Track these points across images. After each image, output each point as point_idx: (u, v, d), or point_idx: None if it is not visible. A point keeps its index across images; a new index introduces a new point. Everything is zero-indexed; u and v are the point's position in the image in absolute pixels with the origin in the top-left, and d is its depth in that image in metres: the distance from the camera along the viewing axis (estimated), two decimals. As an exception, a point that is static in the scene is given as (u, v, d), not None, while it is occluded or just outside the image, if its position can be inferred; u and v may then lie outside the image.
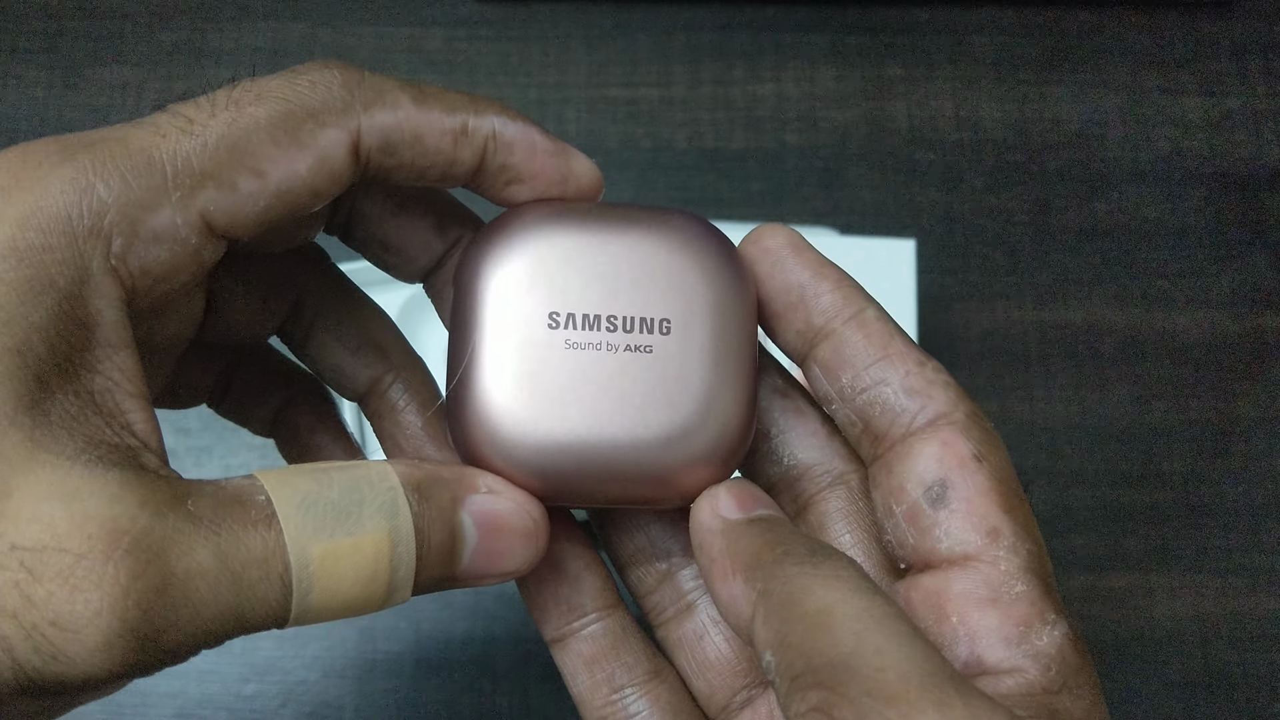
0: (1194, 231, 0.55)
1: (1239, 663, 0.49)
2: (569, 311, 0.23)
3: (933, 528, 0.22)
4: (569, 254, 0.24)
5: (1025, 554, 0.22)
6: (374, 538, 0.21)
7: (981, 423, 0.23)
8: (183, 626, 0.19)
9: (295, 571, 0.20)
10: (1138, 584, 0.50)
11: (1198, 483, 0.51)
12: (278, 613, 0.20)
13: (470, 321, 0.24)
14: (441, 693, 0.48)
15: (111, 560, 0.18)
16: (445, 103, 0.23)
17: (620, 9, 0.57)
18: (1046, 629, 0.21)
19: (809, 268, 0.24)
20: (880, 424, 0.23)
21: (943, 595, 0.22)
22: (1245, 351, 0.53)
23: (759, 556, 0.21)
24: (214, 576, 0.19)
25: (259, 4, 0.56)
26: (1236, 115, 0.57)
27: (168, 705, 0.47)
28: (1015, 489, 0.23)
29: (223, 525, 0.19)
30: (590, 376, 0.23)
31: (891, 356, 0.23)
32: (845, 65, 0.56)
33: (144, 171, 0.20)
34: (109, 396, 0.20)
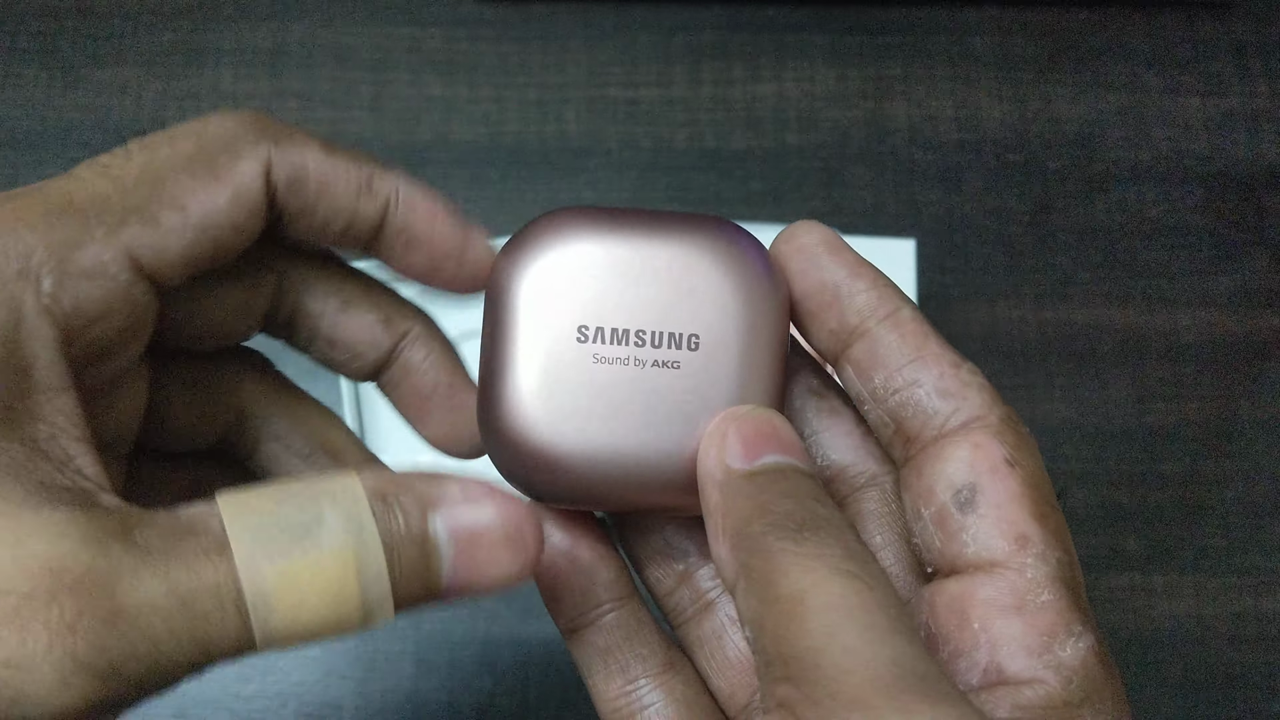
0: (1194, 231, 0.55)
1: (1239, 663, 0.49)
2: (598, 326, 0.23)
3: (960, 532, 0.22)
4: (598, 265, 0.24)
5: (1054, 562, 0.21)
6: (336, 555, 0.20)
7: (1016, 427, 0.23)
8: (141, 658, 0.19)
9: (250, 597, 0.19)
10: (1138, 584, 0.50)
11: (1198, 483, 0.51)
12: (241, 639, 0.19)
13: (500, 333, 0.24)
14: (441, 693, 0.48)
15: (56, 598, 0.18)
16: (352, 156, 0.24)
17: (620, 9, 0.57)
18: (1071, 640, 0.21)
19: (844, 266, 0.24)
20: (912, 425, 0.23)
21: (966, 601, 0.21)
22: (1245, 351, 0.53)
23: (748, 523, 0.20)
24: (165, 607, 0.19)
25: (259, 4, 0.56)
26: (1236, 115, 0.57)
27: (168, 705, 0.47)
28: (1047, 496, 0.22)
29: (172, 555, 0.19)
30: (617, 392, 0.23)
31: (926, 358, 0.23)
32: (845, 65, 0.56)
33: (65, 212, 0.21)
34: (54, 443, 0.20)
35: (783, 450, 0.22)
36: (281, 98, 0.55)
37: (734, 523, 0.21)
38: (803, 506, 0.21)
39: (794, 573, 0.19)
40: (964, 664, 0.21)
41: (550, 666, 0.48)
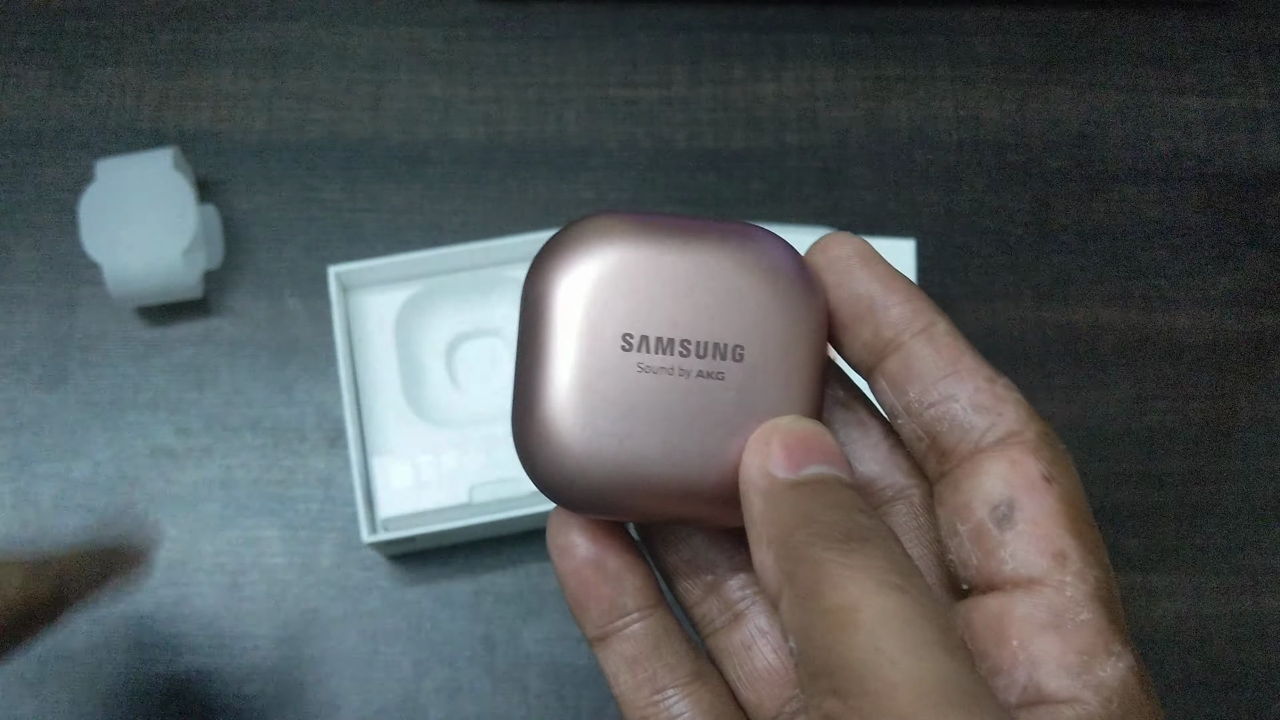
0: (1194, 231, 0.55)
1: (1239, 663, 0.49)
2: (642, 334, 0.23)
3: (998, 549, 0.22)
4: (642, 272, 0.23)
5: (1093, 580, 0.21)
6: None
7: (1053, 443, 0.22)
8: None
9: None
10: (1138, 584, 0.50)
11: (1198, 483, 0.51)
12: None
13: (540, 339, 0.23)
14: (442, 693, 0.48)
15: None
16: None
17: (620, 9, 0.57)
18: (1111, 660, 0.21)
19: (878, 279, 0.24)
20: (948, 440, 0.23)
21: (1004, 618, 0.21)
22: (1245, 351, 0.53)
23: (792, 533, 0.20)
24: None
25: (259, 4, 0.56)
26: (1236, 115, 0.57)
27: (168, 705, 0.47)
28: (1085, 513, 0.22)
29: None
30: (661, 402, 0.23)
31: (961, 372, 0.23)
32: (845, 65, 0.56)
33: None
34: None
35: (827, 461, 0.22)
36: (281, 98, 0.55)
37: (778, 531, 0.21)
38: (848, 517, 0.20)
39: (841, 584, 0.19)
40: (1002, 682, 0.21)
41: (550, 667, 0.48)
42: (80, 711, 0.47)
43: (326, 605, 0.48)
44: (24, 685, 0.47)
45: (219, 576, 0.48)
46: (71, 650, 0.47)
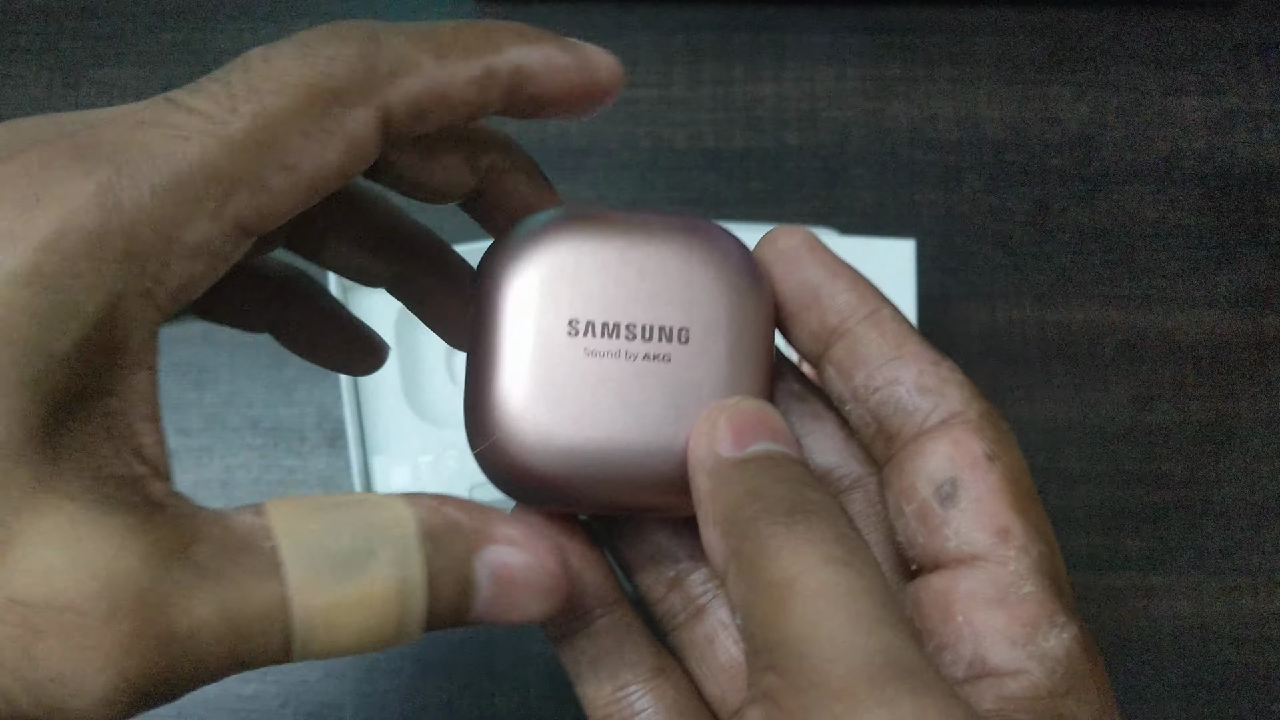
0: (1194, 231, 0.55)
1: (1239, 663, 0.49)
2: (589, 319, 0.23)
3: (942, 527, 0.22)
4: (588, 261, 0.24)
5: (1036, 555, 0.21)
6: (382, 590, 0.20)
7: (996, 422, 0.23)
8: (184, 676, 0.19)
9: (298, 624, 0.19)
10: (1138, 584, 0.50)
11: (1198, 483, 0.51)
12: (278, 656, 0.20)
13: (489, 328, 0.24)
14: (441, 693, 0.48)
15: (114, 620, 0.18)
16: (463, 47, 0.22)
17: (620, 9, 0.57)
18: (1055, 631, 0.21)
19: (824, 268, 0.24)
20: (893, 423, 0.23)
21: (950, 595, 0.22)
22: (1245, 351, 0.53)
23: (738, 509, 0.20)
24: (216, 629, 0.19)
25: (259, 4, 0.56)
26: (1236, 115, 0.57)
27: (168, 705, 0.47)
28: (1028, 489, 0.22)
29: (226, 575, 0.19)
30: (609, 385, 0.23)
31: (905, 356, 0.23)
32: (845, 65, 0.56)
33: (174, 185, 0.19)
34: (122, 419, 0.19)
35: (773, 438, 0.22)
36: (281, 98, 0.55)
37: (724, 508, 0.21)
38: (794, 491, 0.21)
39: (784, 558, 0.19)
40: (949, 657, 0.21)
41: (550, 667, 0.48)
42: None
43: (326, 605, 0.48)
44: (24, 685, 0.47)
45: (219, 576, 0.48)
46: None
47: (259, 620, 0.19)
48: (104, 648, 0.18)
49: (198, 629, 0.18)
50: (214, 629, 0.19)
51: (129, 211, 0.18)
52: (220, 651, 0.19)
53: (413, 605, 0.20)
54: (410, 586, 0.20)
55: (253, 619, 0.19)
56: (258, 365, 0.51)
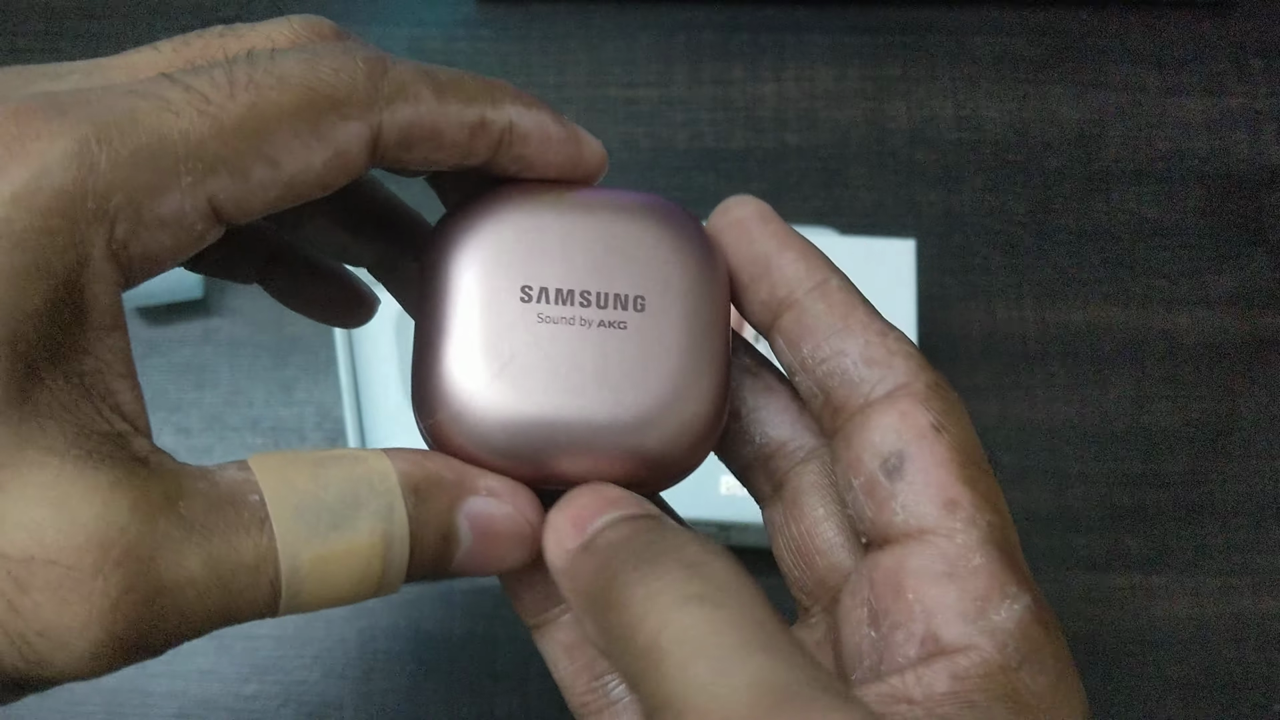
0: (1194, 231, 0.55)
1: (1239, 663, 0.49)
2: (542, 285, 0.23)
3: (889, 500, 0.22)
4: (542, 231, 0.23)
5: (985, 525, 0.21)
6: (368, 543, 0.20)
7: (943, 393, 0.22)
8: (170, 630, 0.19)
9: (285, 576, 0.20)
10: (1138, 584, 0.50)
11: (1198, 483, 0.51)
12: (265, 611, 0.20)
13: (439, 295, 0.23)
14: (441, 693, 0.48)
15: (101, 573, 0.18)
16: (464, 94, 0.22)
17: (620, 9, 0.57)
18: (1006, 603, 0.20)
19: (774, 238, 0.24)
20: (840, 395, 0.23)
21: (900, 571, 0.21)
22: (1245, 351, 0.53)
23: (595, 588, 0.20)
24: (204, 583, 0.19)
25: (259, 4, 0.56)
26: (1236, 115, 0.57)
27: (168, 705, 0.47)
28: (976, 459, 0.22)
29: (214, 529, 0.19)
30: (562, 351, 0.23)
31: (852, 327, 0.23)
32: (845, 65, 0.56)
33: (154, 153, 0.19)
34: (99, 378, 0.19)
35: (612, 507, 0.21)
36: (281, 98, 0.55)
37: (584, 594, 0.20)
38: (638, 542, 0.20)
39: (642, 615, 0.18)
40: (901, 636, 0.21)
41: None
42: (80, 711, 0.47)
43: (326, 605, 0.48)
44: (24, 685, 0.47)
45: (219, 576, 0.48)
46: (71, 650, 0.47)
47: (247, 573, 0.19)
48: (91, 601, 0.18)
49: (186, 583, 0.18)
50: (202, 583, 0.19)
51: (104, 173, 0.18)
52: (208, 605, 0.19)
53: (396, 557, 0.21)
54: (395, 538, 0.21)
55: (240, 572, 0.19)
56: (258, 365, 0.51)
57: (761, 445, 0.25)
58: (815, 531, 0.24)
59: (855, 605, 0.22)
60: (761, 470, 0.25)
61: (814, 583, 0.24)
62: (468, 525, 0.22)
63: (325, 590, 0.20)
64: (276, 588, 0.19)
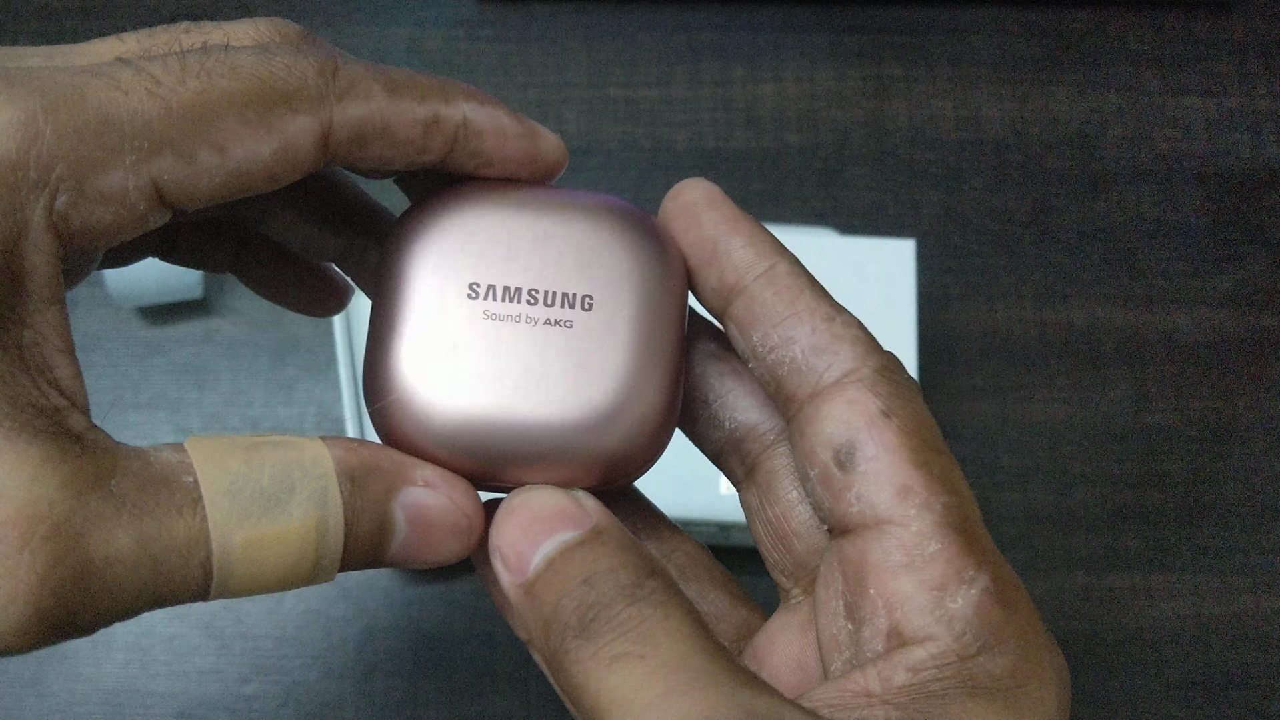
0: (1194, 231, 0.55)
1: (1239, 663, 0.49)
2: (489, 283, 0.23)
3: (845, 491, 0.22)
4: (492, 229, 0.23)
5: (940, 509, 0.21)
6: (301, 526, 0.20)
7: (891, 376, 0.22)
8: (99, 609, 0.19)
9: (216, 559, 0.19)
10: (1138, 584, 0.50)
11: (1198, 483, 0.51)
12: (196, 594, 0.20)
13: (388, 293, 0.23)
14: (441, 693, 0.48)
15: (29, 547, 0.18)
16: (416, 91, 0.22)
17: (620, 9, 0.57)
18: (963, 589, 0.20)
19: (723, 222, 0.24)
20: (790, 384, 0.23)
21: (862, 564, 0.21)
22: (1245, 351, 0.53)
23: (545, 650, 0.21)
24: (133, 561, 0.19)
25: (259, 4, 0.56)
26: (1236, 115, 0.57)
27: (168, 705, 0.47)
28: (929, 441, 0.22)
29: (145, 508, 0.19)
30: (506, 347, 0.23)
31: (800, 313, 0.23)
32: (845, 65, 0.56)
33: (100, 129, 0.19)
34: (37, 351, 0.19)
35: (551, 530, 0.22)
36: (281, 98, 0.55)
37: (540, 643, 0.21)
38: (575, 597, 0.20)
39: (585, 682, 0.19)
40: (869, 632, 0.21)
41: (550, 666, 0.48)
42: (80, 711, 0.47)
43: (327, 605, 0.48)
44: (24, 685, 0.47)
45: (219, 576, 0.48)
46: (71, 650, 0.47)
47: (177, 554, 0.19)
48: (17, 575, 0.18)
49: (115, 560, 0.18)
50: (131, 561, 0.19)
51: (49, 144, 0.19)
52: (137, 584, 0.19)
53: (330, 543, 0.21)
54: (329, 524, 0.21)
55: (171, 553, 0.19)
56: (258, 365, 0.51)
57: (731, 430, 0.25)
58: (790, 514, 0.24)
59: (830, 596, 0.22)
60: (734, 454, 0.25)
61: (793, 564, 0.24)
62: (403, 515, 0.22)
63: (257, 574, 0.20)
64: (208, 570, 0.19)
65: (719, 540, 0.46)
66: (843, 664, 0.22)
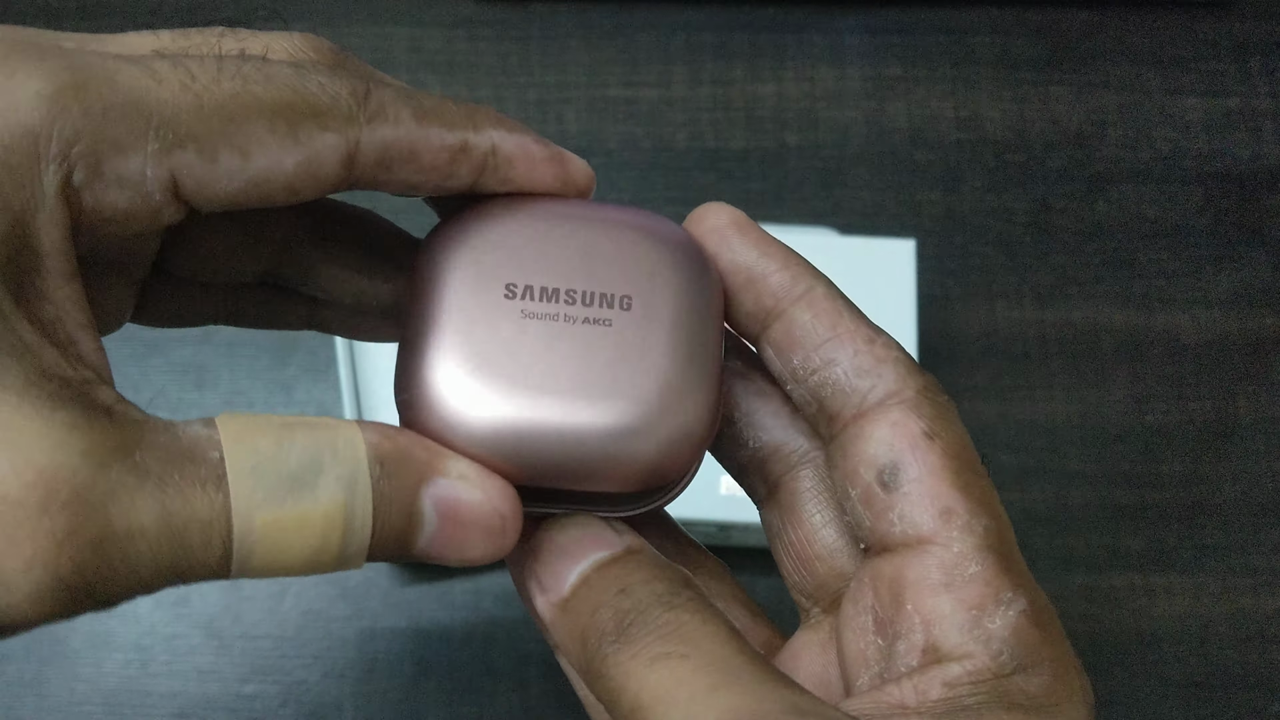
0: (1194, 231, 0.55)
1: (1239, 663, 0.49)
2: (526, 283, 0.23)
3: (887, 511, 0.22)
4: (529, 233, 0.23)
5: (981, 531, 0.21)
6: (326, 511, 0.20)
7: (934, 397, 0.23)
8: (118, 581, 0.18)
9: (238, 538, 0.19)
10: (1138, 584, 0.50)
11: (1198, 483, 0.51)
12: (217, 571, 0.20)
13: (424, 294, 0.23)
14: (441, 693, 0.48)
15: (48, 513, 0.17)
16: (445, 119, 0.22)
17: (620, 9, 0.57)
18: (1000, 610, 0.21)
19: (755, 247, 0.24)
20: (833, 405, 0.23)
21: (899, 581, 0.22)
22: (1245, 351, 0.53)
23: (582, 660, 0.21)
24: (154, 535, 0.18)
25: (259, 4, 0.56)
26: (1236, 115, 0.57)
27: (168, 705, 0.47)
28: (971, 464, 0.22)
29: (169, 482, 0.19)
30: (545, 344, 0.22)
31: (841, 335, 0.23)
32: (845, 65, 0.56)
33: (126, 112, 0.19)
34: (60, 326, 0.19)
35: (585, 551, 0.22)
36: (281, 98, 0.55)
37: (574, 651, 0.21)
38: (611, 607, 0.21)
39: (622, 682, 0.19)
40: (904, 646, 0.21)
41: (550, 667, 0.48)
42: (80, 711, 0.47)
43: (327, 605, 0.48)
44: (24, 685, 0.47)
45: (219, 576, 0.48)
46: (72, 650, 0.47)
47: (199, 530, 0.19)
48: (35, 541, 0.17)
49: (135, 532, 0.18)
50: (152, 534, 0.18)
51: (74, 118, 0.19)
52: (158, 558, 0.19)
53: (357, 530, 0.20)
54: (355, 510, 0.20)
55: (193, 528, 0.19)
56: (258, 365, 0.51)
57: (756, 449, 0.25)
58: (814, 537, 0.24)
59: (858, 612, 0.23)
60: (757, 473, 0.26)
61: (814, 586, 0.25)
62: (433, 507, 0.21)
63: (279, 556, 0.20)
64: (228, 549, 0.19)
65: (719, 540, 0.46)
66: (869, 679, 0.22)
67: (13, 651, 0.47)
